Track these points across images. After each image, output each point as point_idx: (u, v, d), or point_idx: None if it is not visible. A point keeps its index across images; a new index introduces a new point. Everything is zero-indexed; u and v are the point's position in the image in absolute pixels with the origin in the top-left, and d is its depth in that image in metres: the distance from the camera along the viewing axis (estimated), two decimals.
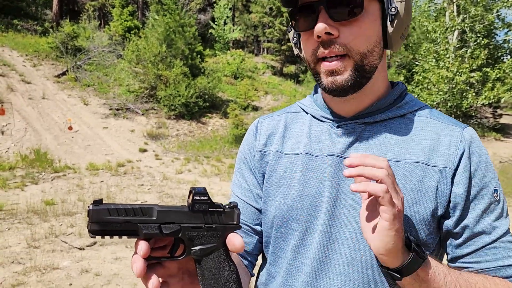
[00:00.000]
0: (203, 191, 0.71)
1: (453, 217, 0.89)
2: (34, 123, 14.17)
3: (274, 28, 27.10)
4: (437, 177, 0.89)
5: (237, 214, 0.73)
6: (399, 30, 0.91)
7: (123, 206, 0.67)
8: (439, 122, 0.94)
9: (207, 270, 0.71)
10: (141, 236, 0.67)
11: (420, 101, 1.01)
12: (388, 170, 0.75)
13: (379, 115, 0.95)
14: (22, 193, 8.68)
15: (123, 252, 5.58)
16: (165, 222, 0.68)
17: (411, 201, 0.88)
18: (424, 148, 0.91)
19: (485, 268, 0.89)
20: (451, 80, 17.99)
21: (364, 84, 0.91)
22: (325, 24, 0.85)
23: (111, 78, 19.16)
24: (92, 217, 0.65)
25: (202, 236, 0.70)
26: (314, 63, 0.92)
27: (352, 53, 0.86)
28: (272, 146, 1.07)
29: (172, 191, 9.39)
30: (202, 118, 18.24)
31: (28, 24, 23.92)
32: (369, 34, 0.88)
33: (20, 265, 5.05)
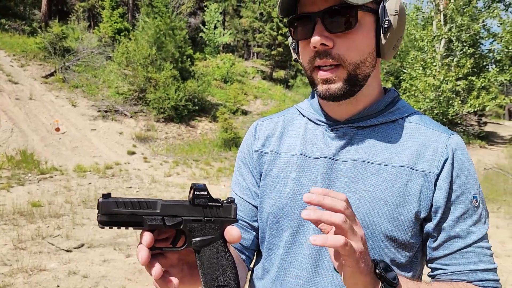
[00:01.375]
0: (203, 187, 0.76)
1: (434, 220, 0.94)
2: (20, 124, 14.01)
3: (264, 33, 27.23)
4: (421, 181, 0.93)
5: (234, 208, 0.78)
6: (392, 41, 0.96)
7: (130, 200, 0.72)
8: (428, 128, 0.99)
9: (206, 259, 0.76)
10: (146, 227, 0.72)
11: (411, 107, 1.06)
12: (346, 211, 0.73)
13: (371, 120, 0.99)
14: (8, 195, 8.57)
15: (111, 254, 5.56)
16: (168, 215, 0.73)
17: (396, 203, 0.93)
18: (411, 153, 0.95)
19: (458, 271, 0.94)
20: (438, 88, 18.28)
21: (356, 91, 0.96)
22: (320, 37, 0.89)
23: (100, 79, 19.04)
24: (101, 209, 0.70)
25: (202, 228, 0.75)
26: (310, 70, 0.97)
27: (346, 63, 0.91)
28: (270, 147, 1.12)
29: (161, 194, 9.37)
30: (191, 122, 18.22)
31: (16, 23, 23.69)
32: (362, 45, 0.92)
33: (7, 266, 4.99)
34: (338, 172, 0.98)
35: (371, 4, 0.92)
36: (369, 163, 0.97)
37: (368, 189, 0.95)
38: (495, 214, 8.78)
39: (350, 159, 0.98)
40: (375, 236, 0.93)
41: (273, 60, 27.59)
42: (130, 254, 5.59)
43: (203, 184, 0.76)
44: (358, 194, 0.95)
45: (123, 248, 5.77)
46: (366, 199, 0.94)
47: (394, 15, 0.93)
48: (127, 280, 4.80)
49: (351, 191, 0.96)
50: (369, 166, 0.96)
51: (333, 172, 0.99)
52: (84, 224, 6.80)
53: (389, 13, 0.93)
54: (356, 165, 0.97)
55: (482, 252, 0.95)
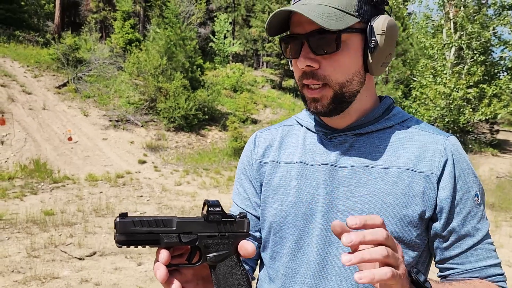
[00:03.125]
0: (216, 203, 0.79)
1: (440, 220, 0.97)
2: (34, 134, 14.22)
3: (273, 43, 27.36)
4: (423, 182, 0.96)
5: (247, 223, 0.81)
6: (379, 59, 0.98)
7: (146, 218, 0.74)
8: (424, 131, 1.02)
9: (221, 274, 0.78)
10: (163, 245, 0.74)
11: (406, 113, 1.09)
12: (388, 242, 0.71)
13: (369, 127, 1.02)
14: (21, 203, 8.70)
15: (122, 263, 5.61)
16: (184, 232, 0.76)
17: (400, 205, 0.95)
18: (411, 155, 0.98)
19: (470, 269, 0.97)
20: (448, 95, 18.15)
21: (344, 108, 0.99)
22: (305, 59, 0.93)
23: (111, 89, 19.28)
24: (119, 229, 0.72)
25: (217, 243, 0.78)
26: (301, 87, 1.01)
27: (332, 83, 0.95)
28: (269, 157, 1.14)
29: (171, 203, 9.42)
30: (201, 131, 18.32)
31: (30, 35, 24.12)
32: (348, 66, 0.95)
33: (20, 274, 5.06)
34: (341, 178, 1.00)
35: (358, 24, 0.94)
36: (371, 168, 0.99)
37: (372, 193, 0.97)
38: (509, 223, 8.67)
39: (352, 164, 1.00)
40: None
41: (283, 69, 27.67)
42: (142, 262, 5.63)
43: (216, 200, 0.79)
44: (363, 198, 0.98)
45: (134, 256, 5.81)
46: (370, 203, 0.97)
47: (381, 35, 0.95)
48: None
49: (355, 196, 0.98)
50: (371, 171, 0.99)
51: (335, 178, 1.01)
52: (96, 233, 6.87)
53: (376, 33, 0.95)
54: (358, 170, 0.99)
55: (489, 248, 0.98)
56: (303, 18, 0.93)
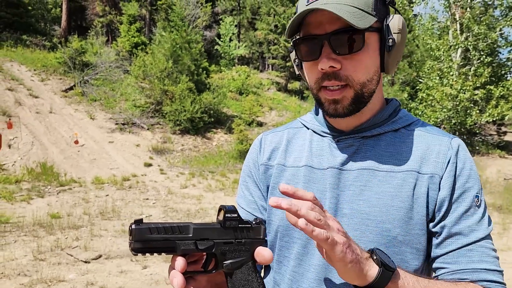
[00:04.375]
0: (233, 209, 0.77)
1: (436, 218, 0.95)
2: (41, 137, 14.31)
3: (279, 45, 27.38)
4: (427, 183, 0.95)
5: (263, 229, 0.80)
6: (396, 58, 1.00)
7: (162, 225, 0.72)
8: (429, 133, 1.02)
9: (237, 282, 0.77)
10: (179, 253, 0.73)
11: (412, 115, 1.09)
12: (315, 208, 0.75)
13: (376, 130, 1.02)
14: (28, 206, 8.75)
15: (128, 266, 5.61)
16: (200, 239, 0.74)
17: (406, 208, 0.94)
18: (415, 157, 0.98)
19: (460, 270, 0.93)
20: (455, 97, 18.04)
21: (362, 108, 0.99)
22: (328, 60, 0.92)
23: (117, 93, 19.37)
24: (135, 236, 0.70)
25: (233, 250, 0.77)
26: (317, 90, 0.99)
27: (353, 83, 0.94)
28: (276, 160, 1.13)
29: (177, 206, 9.43)
30: (207, 133, 18.34)
31: (37, 39, 24.30)
32: (369, 65, 0.95)
33: (27, 277, 5.08)
34: (347, 182, 1.00)
35: (376, 24, 0.95)
36: (376, 171, 0.98)
37: (378, 196, 0.97)
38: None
39: (358, 168, 1.00)
40: (388, 242, 0.94)
41: (288, 72, 27.67)
42: (147, 266, 5.63)
43: (232, 206, 0.78)
44: (368, 202, 0.97)
45: (139, 259, 5.82)
46: (376, 206, 0.96)
47: (398, 33, 0.96)
48: None
49: (361, 199, 0.97)
50: (377, 174, 0.98)
51: (341, 182, 1.00)
52: (102, 236, 6.89)
53: (392, 31, 0.96)
54: (363, 173, 0.99)
55: (486, 252, 0.94)
56: (323, 18, 0.92)
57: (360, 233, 0.95)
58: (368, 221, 0.95)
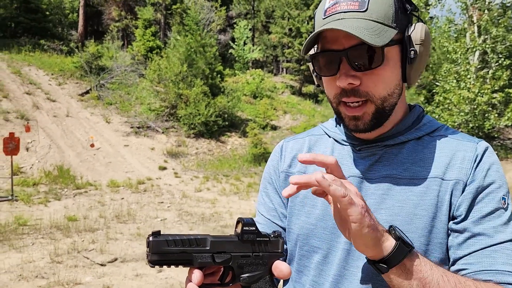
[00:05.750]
0: (251, 222, 0.76)
1: (458, 217, 0.90)
2: (58, 140, 14.51)
3: (293, 49, 27.36)
4: (451, 190, 0.91)
5: (281, 243, 0.78)
6: (419, 69, 0.96)
7: (180, 237, 0.72)
8: (454, 139, 0.98)
9: None
10: (196, 265, 0.72)
11: (437, 121, 1.05)
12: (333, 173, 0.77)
13: (399, 138, 0.99)
14: (45, 209, 8.85)
15: (143, 269, 5.62)
16: (217, 252, 0.73)
17: (430, 217, 0.91)
18: (440, 164, 0.94)
19: (482, 270, 0.86)
20: (473, 101, 17.78)
21: (384, 122, 0.96)
22: (347, 77, 0.88)
23: (132, 96, 19.56)
24: (152, 248, 0.69)
25: (250, 264, 0.76)
26: (336, 104, 0.96)
27: (374, 98, 0.91)
28: (297, 168, 1.12)
29: (192, 209, 9.44)
30: (221, 137, 18.39)
31: (54, 44, 24.72)
32: (389, 79, 0.92)
33: (44, 279, 5.12)
34: (368, 191, 0.97)
35: (396, 36, 0.91)
36: (398, 178, 0.95)
37: (400, 205, 0.93)
38: None
39: (379, 176, 0.97)
40: None
41: (302, 75, 27.63)
42: (162, 270, 5.63)
43: (251, 219, 0.77)
44: (390, 210, 0.93)
45: None
46: (398, 214, 0.92)
47: (420, 44, 0.92)
48: None
49: (382, 208, 0.94)
50: (399, 181, 0.95)
51: (362, 191, 0.97)
52: (117, 239, 6.92)
53: (414, 43, 0.92)
54: (385, 181, 0.96)
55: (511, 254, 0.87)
56: (340, 34, 0.88)
57: None
58: None
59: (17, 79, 18.08)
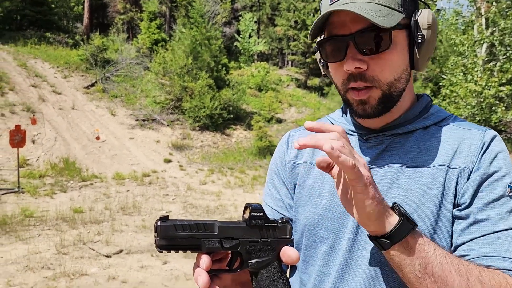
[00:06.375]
0: (259, 207, 0.75)
1: (462, 205, 0.90)
2: (63, 133, 14.57)
3: (299, 41, 27.23)
4: (456, 177, 0.91)
5: (289, 229, 0.78)
6: (426, 54, 0.95)
7: (188, 222, 0.71)
8: (462, 128, 0.98)
9: (262, 281, 0.75)
10: (204, 250, 0.71)
11: (445, 111, 1.05)
12: (340, 140, 0.74)
13: (406, 127, 0.99)
14: (51, 201, 8.91)
15: (148, 261, 5.65)
16: (226, 237, 0.73)
17: (436, 205, 0.90)
18: (446, 152, 0.94)
19: (484, 256, 0.85)
20: (480, 94, 17.62)
21: (391, 107, 0.96)
22: (354, 61, 0.89)
23: (138, 89, 19.58)
24: (160, 233, 0.69)
25: (259, 249, 0.75)
26: (344, 91, 0.96)
27: (380, 83, 0.91)
28: (303, 158, 1.11)
29: (196, 202, 9.47)
30: (226, 130, 18.38)
31: (60, 37, 24.75)
32: (396, 64, 0.92)
33: (50, 270, 5.17)
34: (374, 180, 0.96)
35: (403, 20, 0.91)
36: (404, 168, 0.95)
37: (407, 194, 0.93)
38: None
39: (385, 165, 0.97)
40: None
41: (308, 68, 27.50)
42: (167, 261, 5.66)
43: (258, 204, 0.76)
44: (397, 199, 0.92)
45: (160, 254, 5.85)
46: (405, 204, 0.91)
47: (427, 29, 0.92)
48: (164, 286, 4.86)
49: (388, 197, 0.93)
50: (405, 171, 0.95)
51: None
52: (123, 231, 6.96)
53: (422, 27, 0.92)
54: (391, 170, 0.96)
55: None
56: (346, 18, 0.89)
57: None
58: None
59: (23, 72, 18.15)
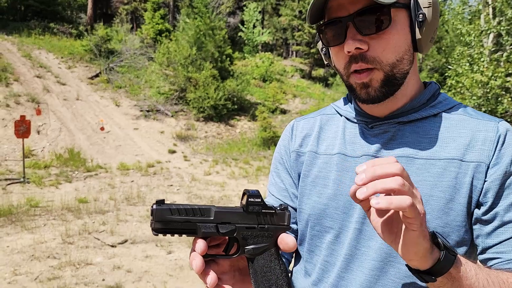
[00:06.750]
0: (256, 194, 0.75)
1: (485, 204, 0.88)
2: (68, 123, 14.61)
3: (303, 31, 27.06)
4: (472, 172, 0.88)
5: (287, 216, 0.77)
6: (429, 34, 0.93)
7: (183, 206, 0.71)
8: (473, 118, 0.95)
9: (259, 268, 0.75)
10: (200, 235, 0.71)
11: (453, 99, 1.02)
12: (403, 173, 0.68)
13: (413, 115, 0.96)
14: (57, 191, 8.96)
15: (153, 251, 5.68)
16: (222, 222, 0.73)
17: (446, 198, 0.88)
18: (458, 144, 0.91)
19: None
20: (486, 84, 17.47)
21: (396, 91, 0.94)
22: (354, 41, 0.87)
23: (142, 80, 19.57)
24: (155, 216, 0.70)
25: (255, 236, 0.75)
26: (347, 76, 0.94)
27: (382, 64, 0.89)
28: (308, 147, 1.09)
29: (201, 192, 9.49)
30: (230, 121, 18.37)
31: (64, 27, 24.73)
32: (398, 44, 0.90)
33: (56, 259, 5.21)
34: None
35: (402, 0, 0.89)
36: (414, 158, 0.93)
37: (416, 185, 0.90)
38: None
39: (394, 155, 0.94)
40: None
41: (312, 58, 27.36)
42: (172, 251, 5.69)
43: (256, 191, 0.75)
44: None
45: (164, 244, 5.88)
46: None
47: (428, 7, 0.90)
48: (169, 276, 4.89)
49: None
50: (415, 161, 0.93)
51: None
52: (127, 221, 6.99)
53: (422, 6, 0.90)
54: (400, 161, 0.92)
55: None
56: (344, 0, 0.88)
57: None
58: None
59: (27, 62, 18.16)
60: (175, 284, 4.69)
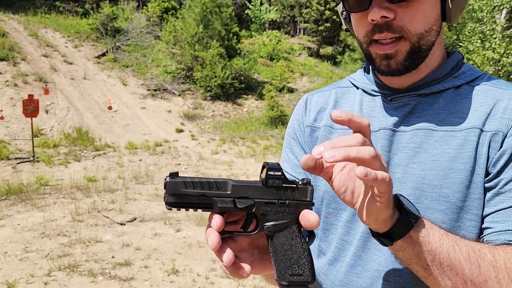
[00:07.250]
0: (277, 167, 0.70)
1: (492, 173, 0.83)
2: (76, 103, 14.64)
3: (311, 8, 26.60)
4: (489, 141, 0.84)
5: (310, 191, 0.72)
6: (460, 4, 0.88)
7: (199, 179, 0.67)
8: (497, 88, 0.89)
9: (279, 246, 0.71)
10: (216, 210, 0.67)
11: (478, 69, 0.96)
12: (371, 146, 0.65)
13: (435, 86, 0.91)
14: (66, 170, 9.04)
15: (162, 229, 5.74)
16: (239, 197, 0.68)
17: (468, 170, 0.84)
18: (480, 114, 0.87)
19: (507, 230, 0.79)
20: (497, 62, 17.16)
21: (419, 63, 0.88)
22: (380, 9, 0.81)
23: (149, 59, 19.46)
24: (169, 189, 0.66)
25: (275, 212, 0.70)
26: (367, 44, 0.89)
27: (409, 35, 0.84)
28: (323, 121, 1.05)
29: (208, 171, 9.53)
30: (237, 100, 18.29)
31: (70, 5, 24.51)
32: (427, 13, 0.84)
33: (66, 237, 5.29)
34: (400, 144, 0.90)
35: None
36: (433, 131, 0.88)
37: (434, 159, 0.86)
38: None
39: (412, 128, 0.90)
40: (446, 208, 0.84)
41: (320, 36, 26.95)
42: (180, 229, 5.74)
43: (277, 163, 0.71)
44: (423, 164, 0.87)
45: (173, 222, 5.94)
46: (432, 169, 0.86)
47: None
48: (177, 254, 4.95)
49: (415, 162, 0.88)
50: (434, 134, 0.88)
51: (394, 144, 0.91)
52: (136, 199, 7.06)
53: None
54: (418, 133, 0.89)
55: None
56: None
57: (414, 198, 0.85)
58: (424, 186, 0.85)
59: (34, 41, 18.11)
60: (184, 262, 4.75)
